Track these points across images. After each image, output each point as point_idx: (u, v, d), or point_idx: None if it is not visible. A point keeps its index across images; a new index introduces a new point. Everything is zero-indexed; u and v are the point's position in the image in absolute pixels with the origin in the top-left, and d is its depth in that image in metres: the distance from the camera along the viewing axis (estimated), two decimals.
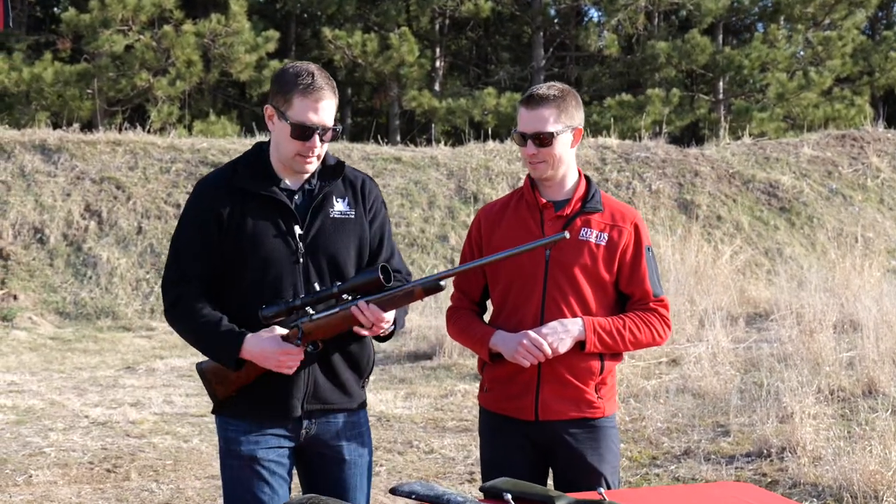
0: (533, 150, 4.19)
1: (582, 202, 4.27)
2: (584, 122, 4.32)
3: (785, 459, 7.94)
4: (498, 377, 4.27)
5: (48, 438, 8.99)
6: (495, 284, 4.31)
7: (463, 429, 9.42)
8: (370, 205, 4.20)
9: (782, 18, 30.01)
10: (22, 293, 16.31)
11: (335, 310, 3.96)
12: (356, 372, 4.18)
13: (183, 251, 4.12)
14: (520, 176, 19.79)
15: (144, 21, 24.64)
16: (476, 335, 4.28)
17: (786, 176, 20.71)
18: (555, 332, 4.10)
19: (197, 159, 18.96)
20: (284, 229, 4.03)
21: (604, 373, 4.22)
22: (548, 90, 4.21)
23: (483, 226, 4.37)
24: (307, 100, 3.95)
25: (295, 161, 4.02)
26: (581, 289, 4.18)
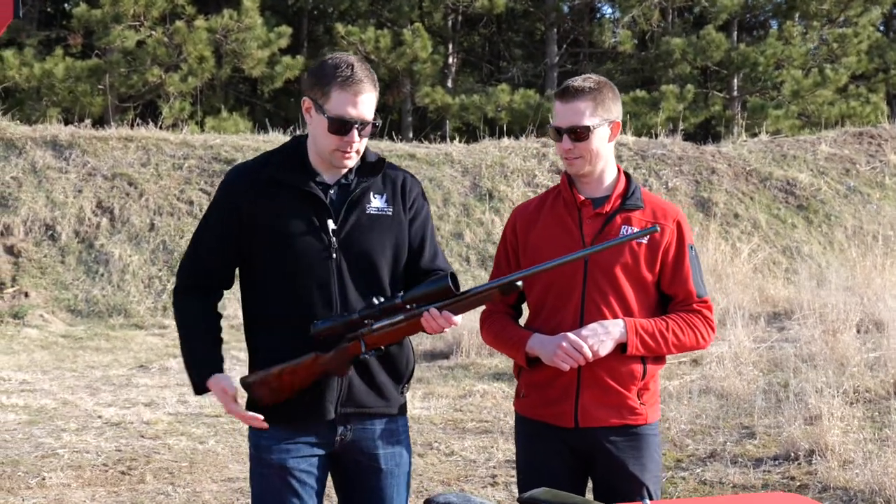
0: (569, 145, 4.01)
1: (622, 199, 4.11)
2: (621, 116, 4.14)
3: (813, 463, 7.80)
4: (535, 382, 4.10)
5: (61, 439, 8.83)
6: (532, 286, 4.14)
7: (483, 430, 9.26)
8: (410, 203, 4.03)
9: (797, 15, 29.78)
10: (33, 290, 16.18)
11: (399, 317, 3.82)
12: (394, 375, 4.02)
13: (202, 242, 4.02)
14: (535, 173, 19.65)
15: (156, 16, 24.45)
16: (512, 339, 4.11)
17: (803, 173, 20.51)
18: (595, 333, 3.93)
19: (210, 156, 18.81)
20: (317, 224, 3.87)
21: (646, 377, 4.05)
22: (583, 82, 4.04)
23: (518, 226, 4.20)
24: (346, 93, 3.80)
25: (333, 156, 3.87)
26: (622, 289, 4.01)
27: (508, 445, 8.64)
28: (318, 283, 3.84)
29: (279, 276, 3.87)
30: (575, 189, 4.12)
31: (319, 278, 3.85)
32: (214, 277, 3.99)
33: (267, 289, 3.91)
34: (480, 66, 33.00)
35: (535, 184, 19.33)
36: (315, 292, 3.84)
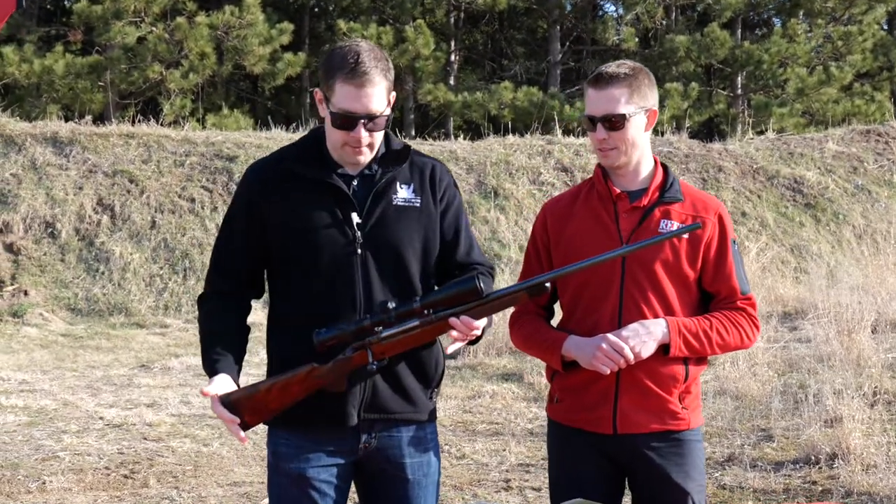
0: (603, 135, 3.78)
1: (660, 191, 3.87)
2: (658, 103, 3.91)
3: (835, 467, 7.63)
4: (570, 386, 3.86)
5: (62, 441, 8.61)
6: (565, 285, 3.91)
7: (494, 432, 9.05)
8: (441, 193, 3.79)
9: (801, 13, 29.62)
10: (33, 289, 15.97)
11: (413, 323, 3.58)
12: (422, 379, 3.78)
13: (223, 244, 3.80)
14: (540, 171, 19.44)
15: (157, 12, 24.26)
16: (546, 342, 3.87)
17: (811, 172, 20.34)
18: (637, 334, 3.69)
19: (212, 152, 18.62)
20: (341, 217, 3.64)
21: (688, 380, 3.82)
22: (617, 68, 3.81)
23: (550, 222, 3.96)
24: (349, 85, 3.55)
25: (344, 152, 3.65)
26: (662, 287, 3.78)
27: (521, 448, 8.45)
28: (342, 281, 3.62)
29: (300, 274, 3.65)
30: (610, 182, 3.88)
31: (343, 275, 3.62)
32: (239, 280, 3.77)
33: (288, 289, 3.70)
34: (482, 64, 32.82)
35: (541, 181, 19.14)
36: (339, 290, 3.61)
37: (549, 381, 4.00)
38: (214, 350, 3.67)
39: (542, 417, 9.41)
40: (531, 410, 9.77)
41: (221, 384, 3.58)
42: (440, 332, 3.60)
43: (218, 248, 3.81)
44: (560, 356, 3.82)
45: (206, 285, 3.84)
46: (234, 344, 3.70)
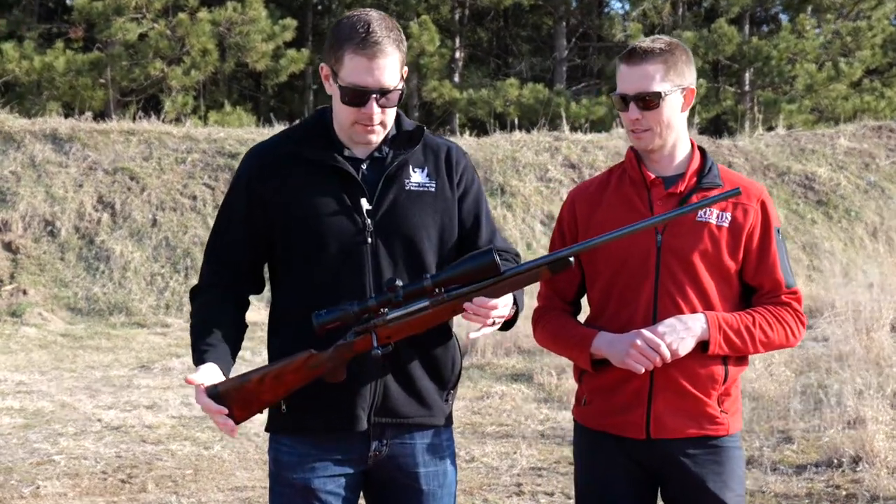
0: (636, 115, 3.48)
1: (697, 176, 3.57)
2: (695, 82, 3.61)
3: (859, 470, 7.36)
4: (600, 387, 3.55)
5: (58, 444, 8.32)
6: (595, 278, 3.61)
7: (504, 434, 8.76)
8: (458, 177, 3.48)
9: (810, 8, 29.37)
10: (32, 288, 15.73)
11: (423, 303, 3.25)
12: (437, 380, 3.47)
13: (220, 234, 3.48)
14: (548, 167, 19.17)
15: (158, 9, 24.05)
16: (574, 339, 3.57)
17: (822, 168, 20.07)
18: (674, 330, 3.39)
19: (214, 149, 18.37)
20: (349, 203, 3.33)
21: (728, 381, 3.51)
22: (653, 43, 3.51)
23: (578, 208, 3.66)
24: (360, 57, 3.24)
25: (354, 130, 3.34)
26: (701, 279, 3.47)
27: (532, 451, 8.18)
28: (349, 272, 3.31)
29: (303, 265, 3.34)
30: (643, 166, 3.58)
31: (351, 266, 3.32)
32: (236, 273, 3.44)
33: (290, 281, 3.39)
34: (487, 61, 32.59)
35: (548, 178, 18.87)
36: (345, 283, 3.30)
37: (577, 382, 3.69)
38: (204, 340, 3.33)
39: (553, 419, 9.16)
40: (542, 412, 9.49)
41: (208, 373, 3.24)
42: (453, 314, 3.28)
43: (214, 237, 3.49)
44: (589, 354, 3.52)
45: (200, 278, 3.51)
46: (228, 337, 3.36)
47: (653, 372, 3.43)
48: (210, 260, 3.47)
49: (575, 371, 3.70)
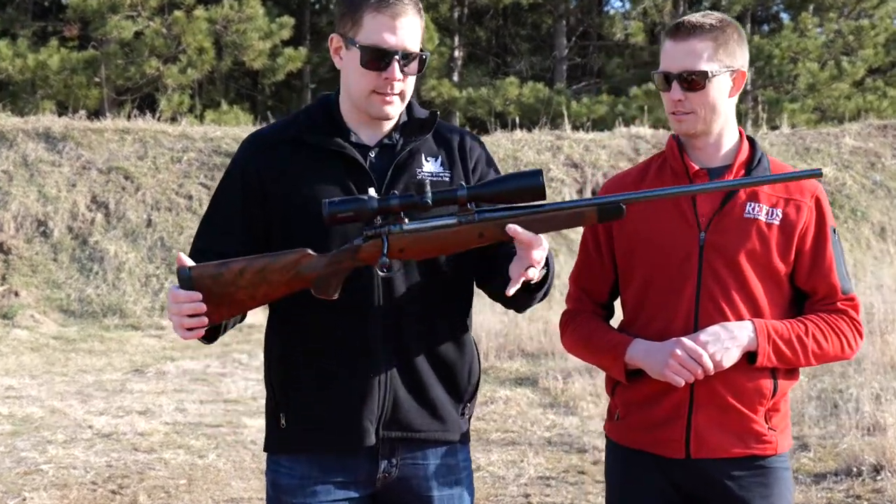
0: (679, 95, 3.15)
1: (746, 169, 3.23)
2: (747, 65, 3.28)
3: (879, 479, 7.07)
4: (635, 401, 3.21)
5: (46, 453, 7.99)
6: (629, 278, 3.28)
7: (510, 441, 8.44)
8: (473, 165, 3.16)
9: (812, 7, 29.14)
10: (24, 290, 15.42)
11: (450, 220, 2.86)
12: (452, 390, 3.13)
13: (210, 223, 3.15)
14: (550, 166, 18.87)
15: (154, 6, 23.78)
16: (606, 346, 3.23)
17: (827, 167, 19.78)
18: (718, 339, 3.06)
19: (210, 148, 18.08)
20: (356, 193, 3.00)
21: (776, 395, 3.17)
22: (703, 17, 3.18)
23: None
24: (382, 16, 2.96)
25: (371, 101, 3.01)
26: (748, 282, 3.13)
27: (539, 459, 7.87)
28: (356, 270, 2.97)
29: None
30: (686, 156, 3.25)
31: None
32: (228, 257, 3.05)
33: None
34: (487, 60, 32.37)
35: (550, 178, 18.58)
36: (352, 282, 2.96)
37: (609, 394, 3.35)
38: None
39: (560, 425, 8.87)
40: (548, 417, 9.18)
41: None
42: (478, 240, 2.86)
43: (204, 230, 3.16)
44: (623, 364, 3.18)
45: None
46: None
47: (693, 385, 3.11)
48: (198, 255, 3.08)
49: (607, 382, 3.36)
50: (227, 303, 2.87)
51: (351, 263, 2.87)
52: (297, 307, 3.01)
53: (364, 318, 3.00)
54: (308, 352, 3.02)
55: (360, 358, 3.02)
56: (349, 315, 2.98)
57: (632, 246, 3.18)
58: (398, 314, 3.01)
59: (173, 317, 2.85)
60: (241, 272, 2.86)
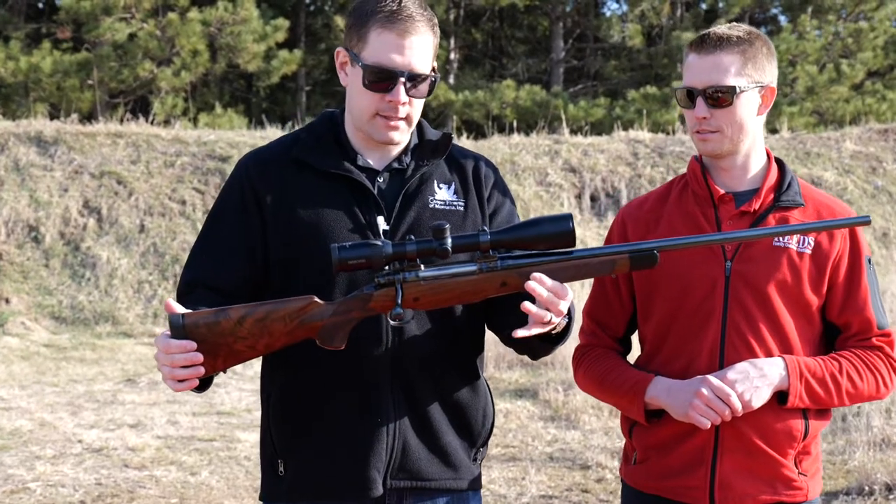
0: (704, 113, 2.93)
1: (775, 193, 3.01)
2: (776, 80, 3.07)
3: (892, 498, 6.97)
4: (655, 444, 3.00)
5: (34, 470, 7.75)
6: (649, 310, 3.06)
7: (510, 457, 8.23)
8: (489, 193, 2.95)
9: (810, 9, 28.97)
10: (14, 296, 15.17)
11: (471, 268, 2.63)
12: (465, 435, 2.92)
13: (203, 251, 2.90)
14: (547, 171, 18.62)
15: (148, 8, 23.56)
16: (625, 385, 3.01)
17: (828, 172, 19.56)
18: (746, 377, 2.84)
19: (204, 153, 17.83)
20: (363, 222, 2.80)
21: (807, 437, 2.95)
22: (730, 30, 2.97)
23: (630, 229, 3.10)
24: (389, 33, 2.73)
25: (374, 125, 2.79)
26: (777, 316, 2.92)
27: (541, 477, 7.67)
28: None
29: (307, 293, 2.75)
30: (710, 179, 3.04)
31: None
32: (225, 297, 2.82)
33: None
34: (483, 62, 32.14)
35: (548, 182, 18.34)
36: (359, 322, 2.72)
37: (626, 436, 3.12)
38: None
39: (562, 440, 8.67)
40: (549, 431, 8.96)
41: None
42: (500, 289, 2.63)
43: (197, 259, 2.91)
44: (643, 403, 2.97)
45: (179, 298, 2.87)
46: None
47: (719, 427, 2.90)
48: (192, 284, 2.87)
49: (624, 423, 3.13)
50: (224, 353, 2.63)
51: (361, 314, 2.65)
52: (294, 349, 2.76)
53: (371, 359, 2.79)
54: (310, 395, 2.81)
55: (367, 403, 2.80)
56: (355, 356, 2.76)
57: (652, 276, 2.96)
58: (407, 356, 2.80)
59: (164, 368, 2.59)
60: (241, 321, 2.63)
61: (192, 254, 2.92)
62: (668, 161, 19.11)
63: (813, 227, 2.84)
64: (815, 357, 2.96)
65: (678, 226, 3.02)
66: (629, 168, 18.72)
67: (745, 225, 2.96)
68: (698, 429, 2.89)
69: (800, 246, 2.94)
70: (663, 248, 2.70)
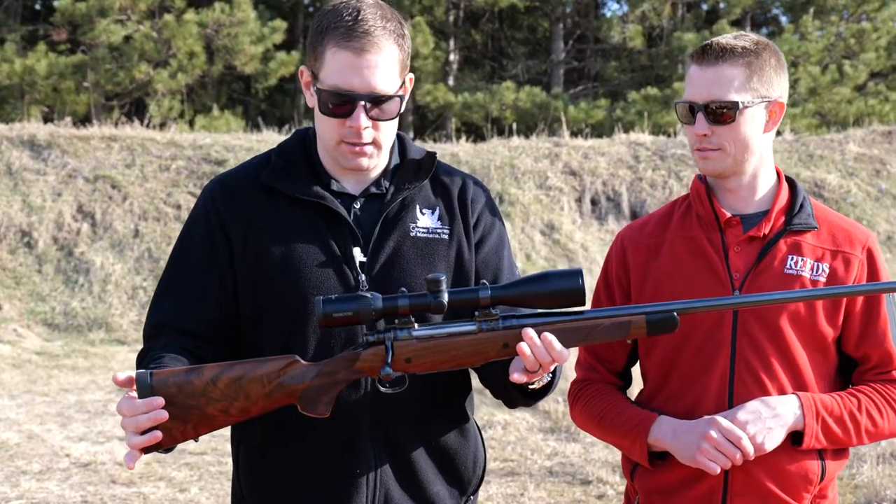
0: (704, 129, 2.72)
1: (786, 216, 2.79)
2: (786, 94, 2.85)
3: None
4: (660, 488, 2.78)
5: (19, 486, 7.54)
6: (652, 345, 2.83)
7: (509, 472, 8.03)
8: (475, 219, 2.70)
9: (812, 10, 28.81)
10: (7, 302, 14.97)
11: (470, 327, 2.40)
12: (455, 483, 2.69)
13: (169, 291, 2.66)
14: (547, 175, 18.41)
15: (144, 10, 23.39)
16: (626, 425, 2.79)
17: (832, 174, 19.34)
18: (758, 417, 2.63)
19: (199, 156, 17.63)
20: (338, 253, 2.57)
21: (824, 480, 2.75)
22: (735, 40, 2.75)
23: (630, 255, 2.89)
24: (344, 51, 2.49)
25: (340, 152, 2.56)
26: (790, 350, 2.70)
27: (541, 493, 7.46)
28: (340, 342, 2.54)
29: (280, 331, 2.57)
30: (715, 201, 2.82)
31: (340, 337, 2.55)
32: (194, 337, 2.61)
33: (265, 352, 2.57)
34: (483, 64, 31.98)
35: (548, 186, 18.13)
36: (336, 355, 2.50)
37: (628, 478, 2.90)
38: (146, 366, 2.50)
39: (562, 453, 8.46)
40: (548, 444, 8.75)
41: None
42: (503, 354, 2.40)
43: (163, 301, 2.68)
44: (646, 445, 2.75)
45: (146, 341, 2.69)
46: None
47: (728, 470, 2.68)
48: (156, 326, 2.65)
49: (625, 463, 2.91)
50: (195, 416, 2.40)
51: (346, 375, 2.42)
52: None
53: (349, 405, 2.55)
54: (283, 443, 2.58)
55: (345, 452, 2.57)
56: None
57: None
58: (387, 400, 2.54)
59: (127, 431, 2.38)
60: (214, 381, 2.40)
61: (157, 293, 2.71)
62: (670, 164, 18.90)
63: (843, 293, 2.62)
64: (832, 393, 2.75)
65: (681, 252, 2.81)
66: (630, 171, 18.51)
67: (755, 251, 2.74)
68: (706, 473, 2.68)
69: (813, 273, 2.73)
70: (685, 310, 2.49)
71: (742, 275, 2.74)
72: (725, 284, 2.73)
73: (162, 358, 2.54)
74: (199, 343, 2.61)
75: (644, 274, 2.82)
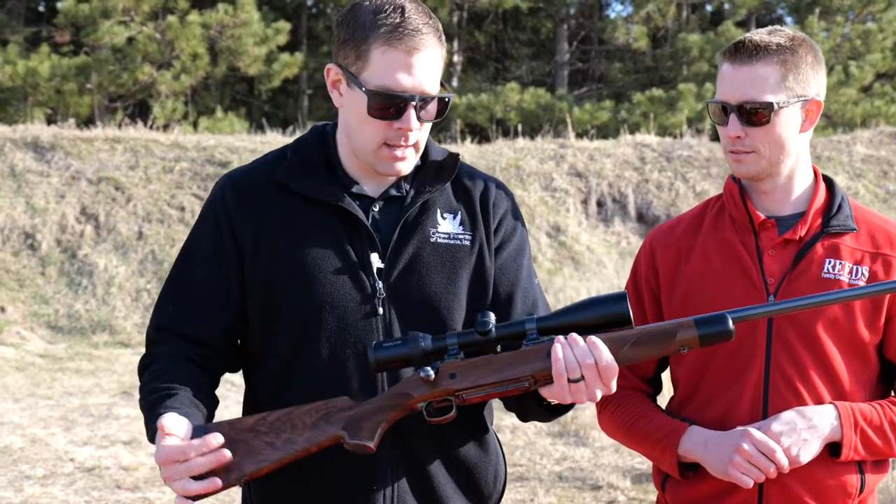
0: (737, 131, 2.60)
1: (823, 217, 2.68)
2: (824, 92, 2.73)
3: None
4: (692, 500, 2.67)
5: (22, 491, 7.45)
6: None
7: (518, 476, 7.91)
8: (496, 224, 2.57)
9: (818, 11, 28.71)
10: (10, 305, 14.88)
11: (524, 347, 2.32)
12: (474, 498, 2.57)
13: (175, 292, 2.55)
14: (553, 176, 18.30)
15: (147, 11, 23.31)
16: (656, 434, 2.68)
17: (839, 176, 19.23)
18: (793, 428, 2.52)
19: (203, 158, 17.55)
20: (354, 259, 2.45)
21: (864, 492, 2.63)
22: (769, 36, 2.63)
23: (659, 257, 2.77)
24: (395, 51, 2.36)
25: (378, 157, 2.43)
26: (828, 357, 2.59)
27: (551, 498, 7.36)
28: (354, 354, 2.43)
29: (291, 339, 2.45)
30: (749, 202, 2.70)
31: (356, 346, 2.43)
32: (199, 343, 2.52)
33: (273, 362, 2.49)
34: (486, 65, 31.92)
35: (554, 188, 18.03)
36: (348, 369, 2.43)
37: (659, 489, 2.79)
38: (163, 404, 2.38)
39: (571, 458, 8.36)
40: (557, 449, 8.64)
41: (176, 423, 2.30)
42: (548, 364, 2.30)
43: (168, 299, 2.57)
44: (676, 455, 2.64)
45: (149, 345, 2.59)
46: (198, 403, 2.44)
47: (763, 483, 2.57)
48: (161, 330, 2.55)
49: (656, 474, 2.80)
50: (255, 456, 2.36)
51: (398, 412, 2.36)
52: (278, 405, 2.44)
53: None
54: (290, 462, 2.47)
55: (361, 467, 2.46)
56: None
57: (685, 312, 2.59)
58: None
59: (176, 481, 2.31)
60: (265, 417, 2.40)
61: (162, 295, 2.59)
62: (676, 165, 18.79)
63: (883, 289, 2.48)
64: (871, 402, 2.63)
65: (713, 255, 2.70)
66: (636, 173, 18.40)
67: (791, 254, 2.64)
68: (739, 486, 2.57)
69: (852, 277, 2.62)
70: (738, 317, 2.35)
71: (777, 279, 2.63)
72: (759, 289, 2.62)
73: (167, 372, 2.46)
74: (205, 351, 2.53)
75: (674, 277, 2.72)
